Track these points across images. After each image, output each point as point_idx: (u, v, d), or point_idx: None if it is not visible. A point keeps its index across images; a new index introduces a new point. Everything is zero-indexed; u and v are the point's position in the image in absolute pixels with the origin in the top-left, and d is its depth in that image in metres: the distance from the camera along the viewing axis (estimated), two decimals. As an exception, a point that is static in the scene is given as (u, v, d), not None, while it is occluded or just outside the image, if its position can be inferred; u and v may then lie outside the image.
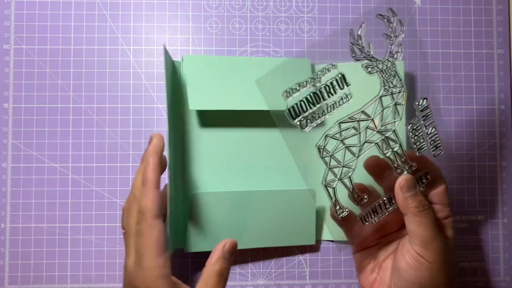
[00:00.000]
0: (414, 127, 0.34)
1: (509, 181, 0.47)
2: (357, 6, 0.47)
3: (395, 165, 0.35)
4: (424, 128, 0.34)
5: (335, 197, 0.34)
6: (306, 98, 0.32)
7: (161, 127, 0.46)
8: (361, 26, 0.32)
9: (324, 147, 0.33)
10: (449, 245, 0.35)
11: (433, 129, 0.35)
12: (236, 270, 0.46)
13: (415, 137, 0.34)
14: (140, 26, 0.46)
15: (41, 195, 0.45)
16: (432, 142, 0.35)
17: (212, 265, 0.33)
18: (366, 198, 0.35)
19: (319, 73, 0.32)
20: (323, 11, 0.47)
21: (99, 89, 0.46)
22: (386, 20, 0.33)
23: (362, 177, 0.36)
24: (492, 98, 0.48)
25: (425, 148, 0.35)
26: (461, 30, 0.48)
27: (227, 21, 0.47)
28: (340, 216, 0.35)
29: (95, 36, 0.46)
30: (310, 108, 0.32)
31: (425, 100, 0.34)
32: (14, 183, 0.45)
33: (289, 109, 0.31)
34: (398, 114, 0.34)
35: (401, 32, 0.33)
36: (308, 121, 0.32)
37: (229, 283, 0.45)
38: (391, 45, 0.33)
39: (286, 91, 0.31)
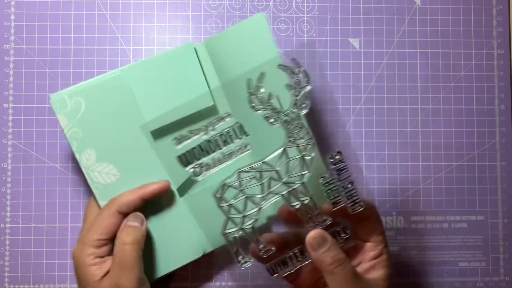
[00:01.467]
0: (327, 181, 0.32)
1: (509, 181, 0.47)
2: (357, 6, 0.47)
3: (308, 217, 0.32)
4: (338, 182, 0.32)
5: (237, 247, 0.32)
6: (200, 146, 0.30)
7: (161, 127, 0.46)
8: (260, 75, 0.30)
9: (221, 196, 0.31)
10: (379, 287, 0.33)
11: (350, 184, 0.32)
12: (235, 270, 0.46)
13: (329, 191, 0.32)
14: (140, 26, 0.46)
15: (41, 195, 0.45)
16: (349, 197, 0.32)
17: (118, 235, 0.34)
18: (273, 250, 0.33)
19: (214, 121, 0.30)
20: (323, 11, 0.47)
21: (99, 89, 0.46)
22: (289, 71, 0.30)
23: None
24: (492, 98, 0.48)
25: (342, 202, 0.32)
26: (461, 30, 0.48)
27: (227, 21, 0.47)
28: (242, 266, 0.32)
29: (95, 36, 0.46)
30: (204, 156, 0.30)
31: (338, 154, 0.31)
32: (14, 183, 0.45)
33: (179, 157, 0.30)
34: (307, 166, 0.31)
35: (306, 84, 0.30)
36: (203, 169, 0.30)
37: (229, 283, 0.45)
38: (296, 96, 0.30)
39: (176, 138, 0.30)
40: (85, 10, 0.46)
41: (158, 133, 0.33)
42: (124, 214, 0.36)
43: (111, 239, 0.35)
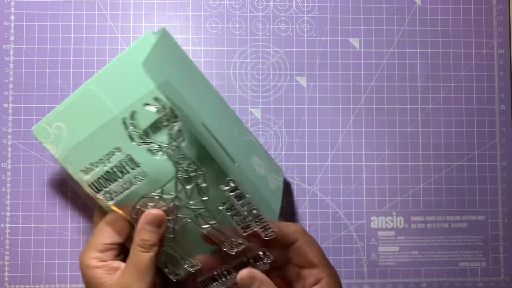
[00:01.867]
0: (229, 207, 0.32)
1: (509, 181, 0.47)
2: (357, 6, 0.47)
3: (222, 240, 0.33)
4: (243, 208, 0.32)
5: (164, 262, 0.34)
6: (103, 176, 0.33)
7: (161, 127, 0.46)
8: (132, 114, 0.31)
9: (136, 218, 0.33)
10: None
11: (255, 210, 0.32)
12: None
13: (234, 217, 0.32)
14: (140, 26, 0.46)
15: (41, 195, 0.45)
16: (258, 224, 0.32)
17: (135, 238, 0.33)
18: (198, 266, 0.34)
19: (107, 156, 0.32)
20: (323, 11, 0.47)
21: (99, 89, 0.46)
22: (157, 109, 0.31)
23: None
24: (492, 98, 0.48)
25: (253, 227, 0.32)
26: (461, 30, 0.48)
27: (227, 21, 0.47)
28: (174, 278, 0.35)
29: (95, 36, 0.46)
30: (109, 184, 0.33)
31: (231, 182, 0.31)
32: (14, 183, 0.45)
33: (89, 185, 0.33)
34: (203, 192, 0.32)
35: (175, 120, 0.31)
36: (113, 194, 0.33)
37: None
38: (170, 131, 0.31)
39: (83, 170, 0.33)
40: (85, 10, 0.46)
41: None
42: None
43: (118, 244, 0.35)
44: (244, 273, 0.32)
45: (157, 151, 0.32)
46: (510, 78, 0.48)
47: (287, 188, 0.46)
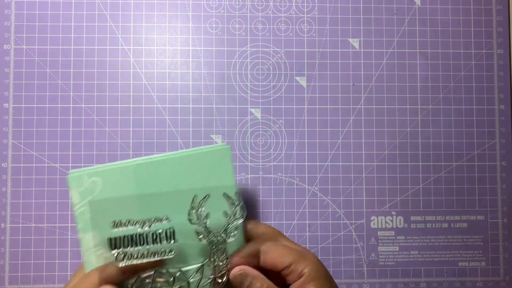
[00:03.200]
0: None
1: (508, 181, 0.47)
2: (357, 6, 0.47)
3: None
4: None
5: None
6: (131, 237, 0.32)
7: (161, 127, 0.46)
8: (205, 197, 0.33)
9: (132, 286, 0.33)
10: None
11: None
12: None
13: None
14: (140, 26, 0.46)
15: (41, 195, 0.45)
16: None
17: None
18: None
19: (153, 219, 0.33)
20: (323, 11, 0.47)
21: (99, 89, 0.46)
22: (230, 201, 0.34)
23: None
24: (492, 98, 0.48)
25: None
26: (461, 30, 0.48)
27: (227, 21, 0.47)
28: None
29: (95, 36, 0.46)
30: (132, 247, 0.33)
31: None
32: (14, 183, 0.45)
33: (110, 239, 0.32)
34: (217, 286, 0.33)
35: (241, 217, 0.34)
36: (126, 257, 0.32)
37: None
38: (229, 224, 0.34)
39: (115, 222, 0.32)
40: (85, 11, 0.46)
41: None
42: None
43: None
44: (236, 270, 0.33)
45: (204, 236, 0.33)
46: (509, 78, 0.48)
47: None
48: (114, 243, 0.33)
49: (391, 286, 0.46)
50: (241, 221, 0.34)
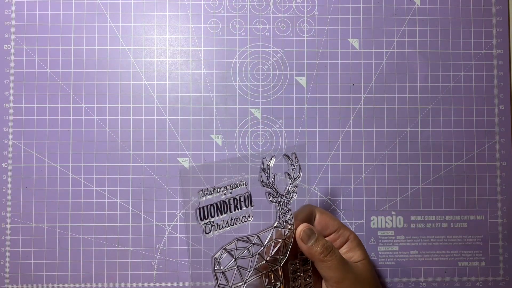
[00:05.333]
0: (294, 269, 0.37)
1: (508, 181, 0.47)
2: (357, 6, 0.47)
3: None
4: (302, 274, 0.37)
5: None
6: (216, 205, 0.33)
7: (161, 127, 0.46)
8: (272, 158, 0.35)
9: (219, 260, 0.34)
10: (364, 272, 0.36)
11: (309, 278, 0.37)
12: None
13: (294, 281, 0.37)
14: (140, 27, 0.47)
15: (41, 195, 0.45)
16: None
17: None
18: None
19: (232, 185, 0.34)
20: (323, 11, 0.47)
21: (99, 89, 0.46)
22: (290, 161, 0.36)
23: None
24: (491, 98, 0.48)
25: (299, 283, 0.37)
26: (460, 30, 0.48)
27: (227, 21, 0.47)
28: None
29: (95, 37, 0.46)
30: (217, 215, 0.33)
31: (307, 263, 0.37)
32: (15, 183, 0.45)
33: (199, 209, 0.33)
34: (285, 250, 0.35)
35: (298, 177, 0.36)
36: (213, 228, 0.33)
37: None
38: (290, 184, 0.36)
39: (202, 190, 0.33)
40: (86, 11, 0.46)
41: None
42: None
43: None
44: (303, 227, 0.35)
45: (274, 197, 0.35)
46: (509, 78, 0.48)
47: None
48: (202, 213, 0.33)
49: (391, 286, 0.46)
50: (299, 180, 0.36)
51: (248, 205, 0.34)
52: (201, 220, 0.33)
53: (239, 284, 0.34)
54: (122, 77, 0.46)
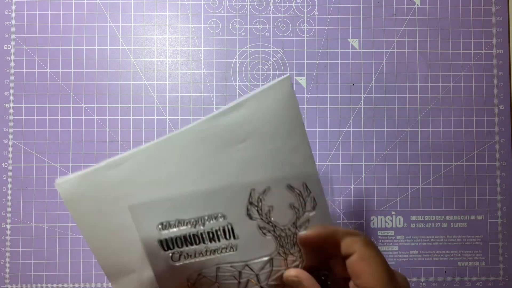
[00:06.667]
0: None
1: (508, 181, 0.47)
2: (357, 6, 0.48)
3: None
4: None
5: None
6: (184, 237, 0.29)
7: (161, 127, 0.46)
8: (265, 190, 0.29)
9: (195, 282, 0.29)
10: None
11: None
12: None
13: None
14: (141, 27, 0.47)
15: (41, 195, 0.45)
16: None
17: None
18: None
19: (205, 217, 0.29)
20: (323, 11, 0.47)
21: (99, 89, 0.46)
22: (297, 193, 0.30)
23: None
24: (491, 98, 0.48)
25: None
26: (460, 31, 0.48)
27: (227, 21, 0.47)
28: None
29: (95, 37, 0.46)
30: (187, 246, 0.29)
31: (325, 275, 0.30)
32: (15, 183, 0.45)
33: (161, 241, 0.29)
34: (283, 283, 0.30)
35: (312, 209, 0.30)
36: (183, 256, 0.29)
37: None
38: (297, 218, 0.30)
39: (162, 223, 0.29)
40: (86, 11, 0.46)
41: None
42: None
43: None
44: (291, 273, 0.29)
45: (271, 233, 0.30)
46: (509, 78, 0.48)
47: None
48: (166, 244, 0.29)
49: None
50: (312, 213, 0.30)
51: (230, 238, 0.29)
52: (165, 250, 0.29)
53: None
54: (122, 77, 0.46)
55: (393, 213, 0.47)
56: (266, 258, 0.30)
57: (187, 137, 0.29)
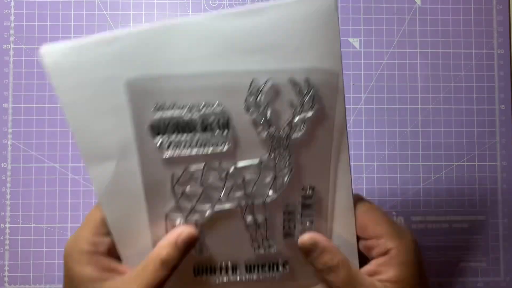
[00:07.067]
0: (289, 210, 0.30)
1: (509, 181, 0.47)
2: (357, 6, 0.47)
3: (253, 237, 0.30)
4: (299, 216, 0.30)
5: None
6: (177, 122, 0.27)
7: (161, 127, 0.46)
8: (266, 81, 0.27)
9: (179, 179, 0.28)
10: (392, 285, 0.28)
11: (310, 223, 0.30)
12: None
13: (287, 221, 0.30)
14: (140, 26, 0.46)
15: (40, 195, 0.45)
16: (300, 236, 0.30)
17: (159, 249, 0.28)
18: (206, 251, 0.30)
19: (202, 103, 0.27)
20: (323, 11, 0.47)
21: (99, 89, 0.46)
22: (298, 88, 0.28)
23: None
24: (492, 98, 0.48)
25: (294, 236, 0.30)
26: (461, 30, 0.48)
27: (227, 21, 0.47)
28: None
29: (95, 36, 0.46)
30: (178, 134, 0.27)
31: (311, 190, 0.29)
32: (14, 183, 0.45)
33: (151, 124, 0.27)
34: (275, 188, 0.29)
35: (310, 110, 0.28)
36: (171, 147, 0.27)
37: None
38: (294, 116, 0.28)
39: (157, 104, 0.27)
40: (85, 10, 0.46)
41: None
42: None
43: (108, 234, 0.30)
44: (305, 238, 0.29)
45: (263, 128, 0.28)
46: (510, 78, 0.48)
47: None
48: (157, 128, 0.27)
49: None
50: (310, 113, 0.28)
51: (224, 130, 0.27)
52: (155, 136, 0.27)
53: (205, 207, 0.29)
54: (122, 77, 0.46)
55: (393, 213, 0.47)
56: (256, 162, 0.28)
57: (190, 29, 0.27)
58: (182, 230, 0.28)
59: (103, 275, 0.28)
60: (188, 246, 0.28)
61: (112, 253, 0.29)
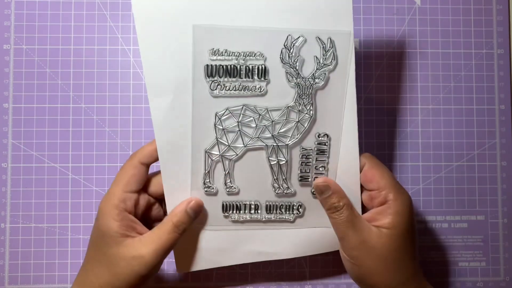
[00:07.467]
0: (306, 155, 0.36)
1: (509, 181, 0.47)
2: (357, 6, 0.47)
3: (274, 178, 0.36)
4: (314, 162, 0.36)
5: (209, 170, 0.35)
6: (226, 67, 0.33)
7: (161, 127, 0.46)
8: (299, 37, 0.33)
9: (221, 117, 0.34)
10: (375, 238, 0.33)
11: (322, 168, 0.36)
12: (236, 270, 0.46)
13: (303, 165, 0.36)
14: (140, 26, 0.46)
15: (41, 195, 0.45)
16: (316, 179, 0.36)
17: (172, 215, 0.35)
18: (236, 190, 0.36)
19: (247, 53, 0.33)
20: (323, 11, 0.47)
21: (99, 89, 0.46)
22: (323, 46, 0.34)
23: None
24: (492, 98, 0.48)
25: (308, 180, 0.36)
26: (461, 30, 0.48)
27: (227, 21, 0.47)
28: (206, 190, 0.36)
29: (95, 36, 0.46)
30: (225, 77, 0.33)
31: (325, 136, 0.35)
32: (14, 183, 0.45)
33: (207, 66, 0.33)
34: (298, 133, 0.35)
35: (330, 65, 0.34)
36: (219, 87, 0.33)
37: (229, 282, 0.45)
38: (317, 69, 0.34)
39: (213, 48, 0.33)
40: (85, 10, 0.46)
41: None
42: (147, 165, 0.36)
43: (137, 191, 0.36)
44: (319, 181, 0.35)
45: (293, 79, 0.34)
46: (510, 78, 0.48)
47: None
48: (210, 70, 0.33)
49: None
50: (330, 67, 0.34)
51: (262, 77, 0.33)
52: (208, 77, 0.33)
53: (239, 146, 0.35)
54: (122, 77, 0.46)
55: (393, 213, 0.47)
56: (284, 107, 0.34)
57: None
58: (190, 199, 0.35)
59: (126, 232, 0.34)
60: (196, 212, 0.35)
61: (137, 210, 0.36)
